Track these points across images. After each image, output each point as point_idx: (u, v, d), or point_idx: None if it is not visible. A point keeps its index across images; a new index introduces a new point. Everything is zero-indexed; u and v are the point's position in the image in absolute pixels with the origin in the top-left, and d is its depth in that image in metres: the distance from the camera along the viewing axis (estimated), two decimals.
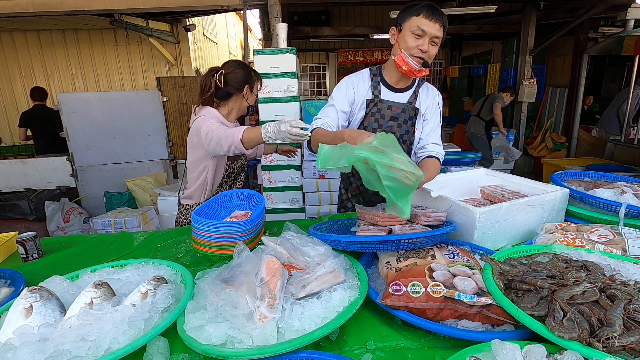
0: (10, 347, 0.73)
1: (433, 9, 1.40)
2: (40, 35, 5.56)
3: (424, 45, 1.42)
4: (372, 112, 1.58)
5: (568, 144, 5.95)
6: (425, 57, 1.45)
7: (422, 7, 1.40)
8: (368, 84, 1.59)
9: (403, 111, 1.58)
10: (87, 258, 1.35)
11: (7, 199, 4.12)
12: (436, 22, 1.40)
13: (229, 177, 1.87)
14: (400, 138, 1.61)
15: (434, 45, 1.45)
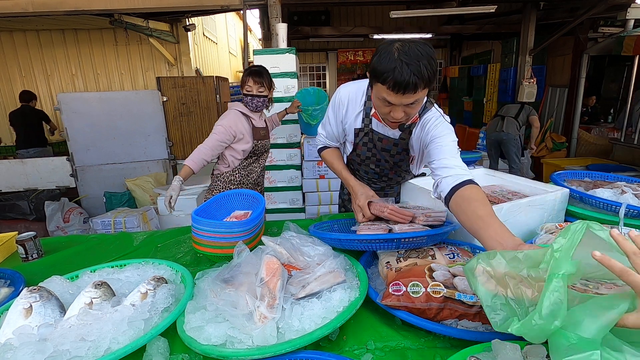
0: (10, 347, 0.73)
1: (406, 75, 1.04)
2: (40, 35, 5.56)
3: (395, 113, 1.16)
4: (363, 142, 1.49)
5: (568, 144, 5.95)
6: (402, 121, 1.23)
7: (391, 75, 1.06)
8: (360, 109, 1.43)
9: (395, 145, 1.43)
10: (87, 258, 1.35)
11: (7, 199, 4.12)
12: (408, 93, 1.08)
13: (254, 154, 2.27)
14: (395, 164, 1.51)
15: (414, 106, 1.15)
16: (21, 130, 5.09)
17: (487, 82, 7.57)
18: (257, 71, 2.12)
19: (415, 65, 1.04)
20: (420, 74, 1.05)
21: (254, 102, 2.14)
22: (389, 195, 1.71)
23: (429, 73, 1.06)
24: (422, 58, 1.05)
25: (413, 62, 1.04)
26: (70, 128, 4.21)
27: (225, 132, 2.08)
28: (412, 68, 1.04)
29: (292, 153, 3.38)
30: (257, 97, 2.13)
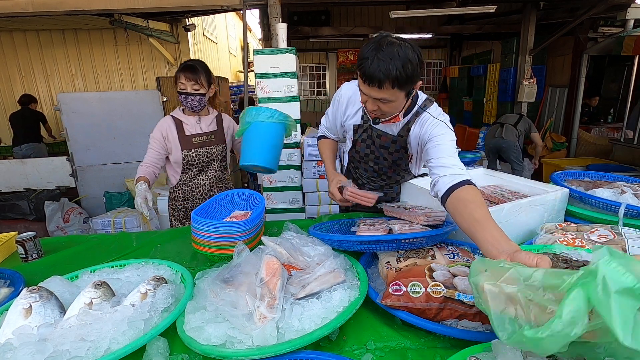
0: (10, 347, 0.73)
1: (371, 67, 1.09)
2: (40, 35, 5.56)
3: (368, 104, 1.22)
4: (362, 138, 1.51)
5: (568, 144, 5.96)
6: (375, 114, 1.26)
7: (363, 65, 1.11)
8: (359, 106, 1.47)
9: (393, 142, 1.44)
10: (86, 258, 1.35)
11: (7, 199, 4.12)
12: (372, 86, 1.12)
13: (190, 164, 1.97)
14: (393, 163, 1.51)
15: (385, 103, 1.18)
16: (20, 132, 5.20)
17: (487, 82, 7.57)
18: (190, 66, 1.84)
19: (385, 63, 1.07)
20: (387, 73, 1.07)
21: (187, 101, 1.85)
22: (388, 194, 1.71)
23: (398, 74, 1.08)
24: (396, 59, 1.07)
25: (384, 59, 1.07)
26: (70, 128, 4.21)
27: (155, 139, 1.89)
28: (381, 65, 1.07)
29: (292, 153, 3.38)
30: (191, 95, 1.83)
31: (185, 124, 1.93)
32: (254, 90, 3.47)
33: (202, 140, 1.95)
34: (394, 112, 1.26)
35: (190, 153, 1.92)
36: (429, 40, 9.44)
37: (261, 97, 3.11)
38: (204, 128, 1.98)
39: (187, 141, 1.92)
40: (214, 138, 1.99)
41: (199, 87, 1.85)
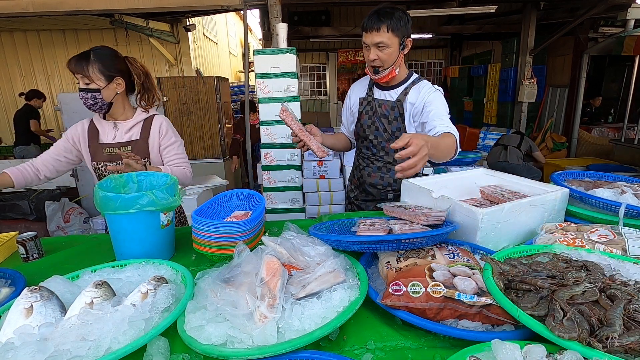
0: (11, 346, 0.73)
1: (369, 19, 1.46)
2: (40, 35, 5.57)
3: (370, 54, 1.50)
4: (365, 110, 1.71)
5: (568, 144, 5.96)
6: (375, 64, 1.52)
7: (364, 21, 1.48)
8: (364, 86, 1.74)
9: (392, 108, 1.63)
10: (87, 258, 1.35)
11: (7, 199, 4.12)
12: (371, 31, 1.45)
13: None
14: (392, 134, 1.67)
15: (382, 49, 1.48)
16: (16, 131, 5.27)
17: (487, 82, 7.58)
18: (79, 55, 1.48)
19: (381, 12, 1.43)
20: (382, 18, 1.42)
21: (82, 100, 1.51)
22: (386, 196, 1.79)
23: (391, 19, 1.43)
24: (389, 10, 1.44)
25: (380, 11, 1.45)
26: None
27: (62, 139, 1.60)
28: (378, 13, 1.44)
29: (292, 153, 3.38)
30: (82, 92, 1.49)
31: (101, 130, 1.60)
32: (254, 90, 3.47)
33: (111, 152, 1.56)
34: (391, 60, 1.51)
35: (99, 166, 1.57)
36: (429, 40, 9.44)
37: (261, 97, 3.11)
38: (120, 136, 1.60)
39: (96, 151, 1.57)
40: (129, 149, 1.58)
41: (89, 82, 1.49)
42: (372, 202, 1.86)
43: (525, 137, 4.78)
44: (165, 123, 1.67)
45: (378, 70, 1.54)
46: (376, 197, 1.83)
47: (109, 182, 1.32)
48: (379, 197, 1.83)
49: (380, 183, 1.79)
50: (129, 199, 1.15)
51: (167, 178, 1.37)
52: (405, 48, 1.54)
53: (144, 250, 1.23)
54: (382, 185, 1.79)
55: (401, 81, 1.63)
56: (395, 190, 1.79)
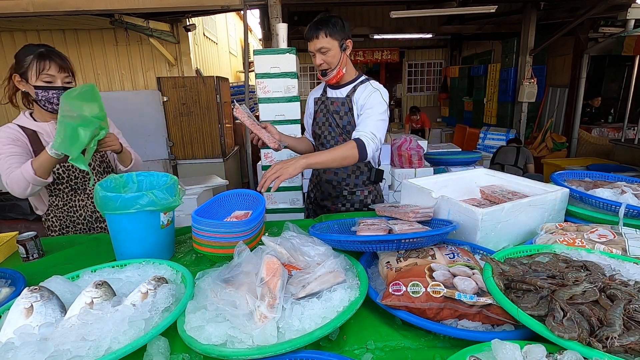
0: (11, 346, 0.73)
1: (309, 29, 1.61)
2: (40, 35, 5.56)
3: (317, 60, 1.65)
4: (320, 109, 1.84)
5: (568, 144, 5.96)
6: (322, 67, 1.66)
7: (305, 33, 1.64)
8: (320, 89, 1.89)
9: (342, 104, 1.75)
10: (87, 258, 1.35)
11: (7, 199, 4.12)
12: (312, 38, 1.60)
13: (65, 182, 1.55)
14: (343, 129, 1.78)
15: (326, 53, 1.61)
16: None
17: (487, 82, 7.58)
18: (55, 51, 1.46)
19: (318, 21, 1.60)
20: (320, 24, 1.58)
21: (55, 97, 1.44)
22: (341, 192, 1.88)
23: (327, 25, 1.58)
24: (327, 18, 1.60)
25: (318, 20, 1.60)
26: None
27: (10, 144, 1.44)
28: (316, 22, 1.60)
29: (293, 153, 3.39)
30: (64, 90, 1.45)
31: (41, 133, 1.50)
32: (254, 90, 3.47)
33: None
34: (335, 61, 1.64)
35: (54, 169, 1.50)
36: (429, 40, 9.45)
37: (261, 97, 3.11)
38: None
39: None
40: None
41: (71, 80, 1.50)
42: (329, 199, 1.92)
43: (522, 148, 4.70)
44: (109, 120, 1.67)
45: (326, 73, 1.68)
46: (332, 194, 1.90)
47: (109, 182, 1.32)
48: (335, 194, 1.89)
49: (334, 179, 1.87)
50: (129, 199, 1.16)
51: (167, 178, 1.37)
52: (347, 49, 1.66)
53: (144, 250, 1.23)
54: (337, 181, 1.87)
55: (350, 80, 1.76)
56: (350, 186, 1.86)
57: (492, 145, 6.34)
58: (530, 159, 4.65)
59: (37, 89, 1.42)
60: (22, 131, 1.48)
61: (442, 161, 3.87)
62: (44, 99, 1.44)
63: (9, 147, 1.43)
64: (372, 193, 1.90)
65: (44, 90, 1.42)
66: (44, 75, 1.41)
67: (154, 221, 1.23)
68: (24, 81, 1.44)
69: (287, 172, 1.34)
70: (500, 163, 4.72)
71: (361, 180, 1.86)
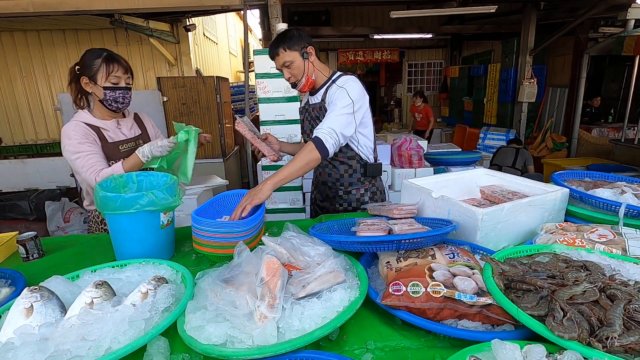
0: (11, 346, 0.73)
1: (270, 49, 1.67)
2: (40, 35, 5.56)
3: (285, 74, 1.70)
4: (305, 117, 1.89)
5: (568, 144, 5.95)
6: (292, 81, 1.70)
7: (268, 53, 1.69)
8: (305, 99, 1.92)
9: (320, 109, 1.76)
10: (87, 258, 1.35)
11: (7, 199, 4.12)
12: (274, 56, 1.66)
13: None
14: None
15: (289, 65, 1.65)
16: None
17: (487, 82, 7.57)
18: (116, 55, 1.55)
19: (277, 38, 1.65)
20: (277, 41, 1.64)
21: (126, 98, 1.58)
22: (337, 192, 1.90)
23: (281, 39, 1.63)
24: (283, 33, 1.64)
25: (276, 37, 1.65)
26: None
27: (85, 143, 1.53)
28: (275, 40, 1.65)
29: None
30: (126, 90, 1.58)
31: (104, 129, 1.60)
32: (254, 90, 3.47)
33: (130, 147, 1.64)
34: (300, 72, 1.66)
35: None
36: (429, 40, 9.44)
37: (261, 97, 3.11)
38: (127, 133, 1.68)
39: (112, 150, 1.59)
40: (142, 143, 1.68)
41: (131, 80, 1.60)
42: (327, 200, 1.94)
43: (521, 149, 4.65)
44: (150, 119, 1.90)
45: (295, 84, 1.71)
46: (330, 195, 1.92)
47: (109, 182, 1.33)
48: (331, 194, 1.91)
49: (329, 180, 1.88)
50: (129, 199, 1.16)
51: (167, 178, 1.37)
52: (310, 55, 1.67)
53: (144, 250, 1.23)
54: (332, 182, 1.87)
55: (323, 84, 1.76)
56: (344, 186, 1.86)
57: (492, 145, 6.34)
58: (529, 161, 4.60)
59: (105, 89, 1.53)
60: (87, 127, 1.56)
61: (442, 161, 3.87)
62: (111, 98, 1.55)
63: (86, 145, 1.53)
64: (369, 190, 1.88)
65: (112, 90, 1.53)
66: (112, 77, 1.52)
67: (154, 221, 1.23)
68: (92, 83, 1.53)
69: (258, 197, 1.34)
70: (498, 164, 4.67)
71: (355, 177, 1.85)
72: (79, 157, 1.50)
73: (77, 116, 1.60)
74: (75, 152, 1.51)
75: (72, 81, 1.58)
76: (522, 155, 4.61)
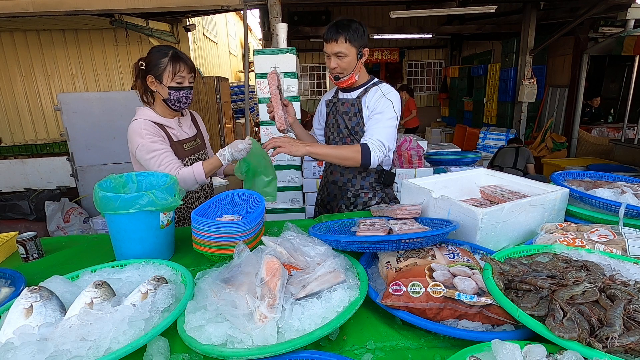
0: (11, 347, 0.73)
1: (329, 31, 1.58)
2: (40, 35, 5.56)
3: (330, 63, 1.63)
4: (331, 111, 1.85)
5: (568, 144, 5.95)
6: (336, 72, 1.65)
7: (325, 32, 1.60)
8: (332, 91, 1.90)
9: (352, 105, 1.75)
10: (87, 258, 1.35)
11: (7, 199, 4.12)
12: (330, 41, 1.58)
13: None
14: (351, 130, 1.78)
15: (342, 58, 1.60)
16: None
17: (487, 82, 7.58)
18: (182, 54, 1.55)
19: (339, 24, 1.56)
20: (341, 28, 1.55)
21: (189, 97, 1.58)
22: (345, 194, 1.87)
23: (349, 30, 1.55)
24: (348, 22, 1.57)
25: (339, 22, 1.57)
26: (70, 128, 4.21)
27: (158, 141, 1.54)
28: (337, 25, 1.57)
29: None
30: (189, 90, 1.58)
31: (168, 127, 1.61)
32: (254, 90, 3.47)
33: (192, 146, 1.68)
34: (349, 68, 1.63)
35: (185, 163, 1.63)
36: (429, 40, 9.45)
37: (261, 97, 3.11)
38: (188, 131, 1.70)
39: (178, 149, 1.61)
40: (199, 142, 1.74)
41: (194, 79, 1.61)
42: (335, 200, 1.91)
43: (521, 148, 4.63)
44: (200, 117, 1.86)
45: (339, 77, 1.67)
46: (338, 196, 1.89)
47: (108, 182, 1.33)
48: (339, 195, 1.88)
49: (340, 180, 1.86)
50: (129, 199, 1.16)
51: (167, 178, 1.37)
52: (363, 57, 1.66)
53: (144, 250, 1.23)
54: (343, 182, 1.85)
55: (361, 84, 1.75)
56: (355, 187, 1.84)
57: (492, 145, 6.34)
58: (530, 159, 4.59)
59: (170, 89, 1.53)
60: (155, 125, 1.57)
61: (442, 161, 3.87)
62: (174, 98, 1.55)
63: (159, 143, 1.54)
64: (377, 195, 1.85)
65: (176, 90, 1.53)
66: (177, 77, 1.51)
67: (154, 221, 1.23)
68: (158, 82, 1.54)
69: (288, 149, 1.43)
70: (499, 165, 4.64)
71: (368, 182, 1.83)
72: (154, 156, 1.51)
73: (141, 113, 1.60)
74: (150, 151, 1.51)
75: (138, 78, 1.58)
76: (523, 155, 4.60)
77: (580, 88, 5.75)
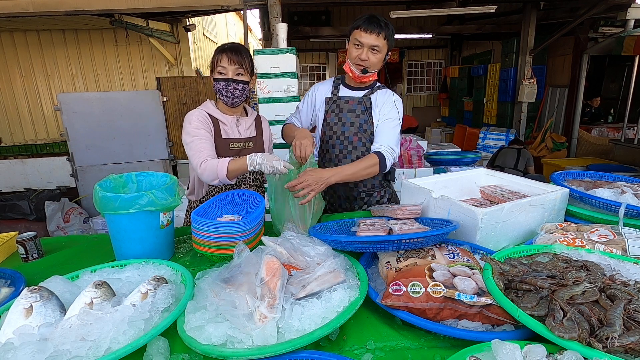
0: (11, 347, 0.73)
1: (370, 22, 1.55)
2: (40, 35, 5.56)
3: (362, 54, 1.59)
4: (332, 109, 1.79)
5: (568, 144, 5.95)
6: (365, 64, 1.61)
7: (361, 21, 1.58)
8: (329, 87, 1.82)
9: (359, 103, 1.73)
10: (87, 258, 1.35)
11: (7, 199, 4.12)
12: (372, 33, 1.55)
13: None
14: (360, 127, 1.75)
15: (375, 53, 1.59)
16: None
17: (487, 82, 7.57)
18: (234, 47, 1.53)
19: (380, 19, 1.58)
20: (383, 24, 1.57)
21: (229, 90, 1.52)
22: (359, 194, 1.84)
23: (387, 28, 1.58)
24: (386, 21, 1.60)
25: (380, 18, 1.59)
26: (70, 128, 4.22)
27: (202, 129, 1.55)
28: (381, 20, 1.58)
29: None
30: (233, 82, 1.52)
31: (223, 123, 1.60)
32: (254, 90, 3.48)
33: (239, 147, 1.62)
34: (378, 65, 1.63)
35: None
36: (429, 40, 9.44)
37: (261, 97, 3.11)
38: (243, 132, 1.66)
39: (223, 146, 1.58)
40: (252, 146, 1.67)
41: (244, 74, 1.54)
42: (347, 202, 1.87)
43: (523, 150, 4.62)
44: (268, 123, 1.81)
45: (367, 71, 1.63)
46: (350, 197, 1.85)
47: (108, 182, 1.33)
48: (351, 196, 1.84)
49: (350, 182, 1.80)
50: (129, 199, 1.16)
51: (167, 178, 1.37)
52: (387, 58, 1.68)
53: (144, 250, 1.23)
54: (354, 183, 1.79)
55: (369, 85, 1.77)
56: (367, 187, 1.82)
57: (492, 145, 6.34)
58: (530, 162, 4.60)
59: (214, 81, 1.56)
60: (208, 117, 1.59)
61: (442, 161, 3.87)
62: (216, 90, 1.57)
63: (203, 131, 1.55)
64: (387, 192, 1.90)
65: (217, 82, 1.54)
66: (219, 67, 1.52)
67: (154, 221, 1.23)
68: (212, 75, 1.59)
69: (317, 189, 1.39)
70: (500, 166, 4.63)
71: (377, 180, 1.85)
72: (193, 140, 1.52)
73: (203, 105, 1.65)
74: (192, 135, 1.52)
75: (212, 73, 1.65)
76: (524, 157, 4.61)
77: (580, 88, 5.75)
